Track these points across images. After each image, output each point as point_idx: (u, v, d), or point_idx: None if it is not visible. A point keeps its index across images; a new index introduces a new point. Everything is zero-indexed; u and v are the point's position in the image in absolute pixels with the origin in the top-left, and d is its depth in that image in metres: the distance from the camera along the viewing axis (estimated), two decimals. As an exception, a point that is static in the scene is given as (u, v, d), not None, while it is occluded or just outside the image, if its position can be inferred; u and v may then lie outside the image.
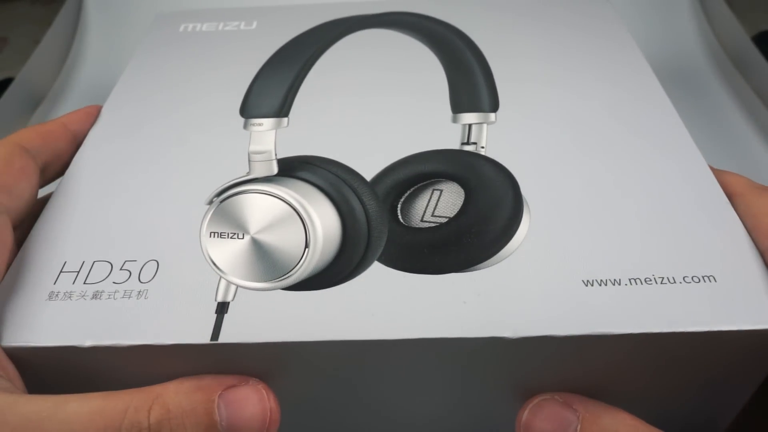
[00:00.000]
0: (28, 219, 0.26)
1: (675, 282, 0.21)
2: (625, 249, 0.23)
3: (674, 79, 0.50)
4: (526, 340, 0.20)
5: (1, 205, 0.24)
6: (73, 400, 0.18)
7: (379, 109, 0.30)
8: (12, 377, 0.20)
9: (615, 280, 0.22)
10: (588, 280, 0.22)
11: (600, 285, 0.22)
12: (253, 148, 0.24)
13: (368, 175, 0.25)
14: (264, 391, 0.21)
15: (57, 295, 0.22)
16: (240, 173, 0.24)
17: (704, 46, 0.53)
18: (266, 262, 0.22)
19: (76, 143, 0.29)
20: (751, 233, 0.23)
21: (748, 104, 0.48)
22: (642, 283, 0.22)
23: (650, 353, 0.21)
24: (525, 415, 0.22)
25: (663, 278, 0.22)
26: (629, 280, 0.22)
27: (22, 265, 0.23)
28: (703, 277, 0.22)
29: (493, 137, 0.27)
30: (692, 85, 0.51)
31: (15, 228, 0.25)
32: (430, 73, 0.30)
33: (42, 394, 0.19)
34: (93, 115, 0.31)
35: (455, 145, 0.27)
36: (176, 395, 0.19)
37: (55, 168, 0.28)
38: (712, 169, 0.26)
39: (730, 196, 0.25)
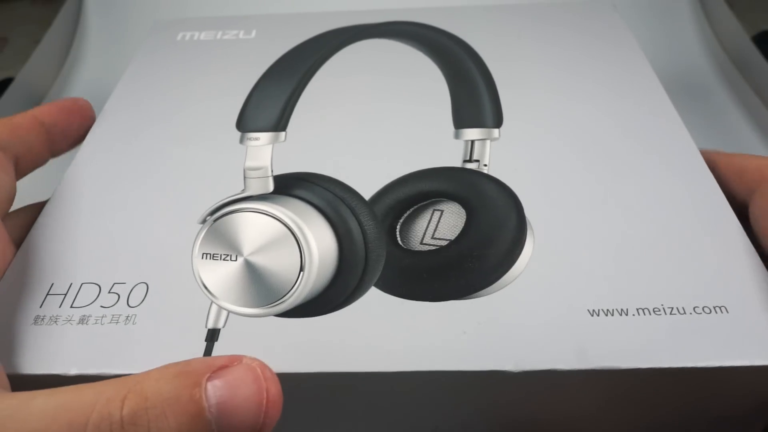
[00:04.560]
0: (24, 219, 0.25)
1: (685, 313, 0.21)
2: (633, 276, 0.22)
3: (674, 79, 0.50)
4: (529, 374, 0.19)
5: None
6: (41, 396, 0.17)
7: (380, 123, 0.29)
8: None
9: (622, 309, 0.21)
10: (594, 310, 0.21)
11: (606, 315, 0.21)
12: (248, 163, 0.24)
13: (367, 193, 0.25)
14: (259, 370, 0.18)
15: (43, 319, 0.21)
16: (235, 190, 0.23)
17: (704, 46, 0.53)
18: (259, 286, 0.21)
19: (49, 136, 0.29)
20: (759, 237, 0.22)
21: (748, 104, 0.47)
22: (650, 314, 0.21)
23: (658, 388, 0.20)
24: None
25: (672, 308, 0.21)
26: (637, 309, 0.21)
27: (9, 287, 0.23)
28: (714, 307, 0.21)
29: (497, 153, 0.27)
30: (692, 84, 0.50)
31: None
32: (432, 85, 0.29)
33: None
34: (68, 108, 0.30)
35: (458, 161, 0.26)
36: (157, 382, 0.17)
37: (28, 161, 0.28)
38: (735, 156, 0.25)
39: (757, 186, 0.23)
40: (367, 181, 0.25)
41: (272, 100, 0.25)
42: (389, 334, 0.21)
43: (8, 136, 0.27)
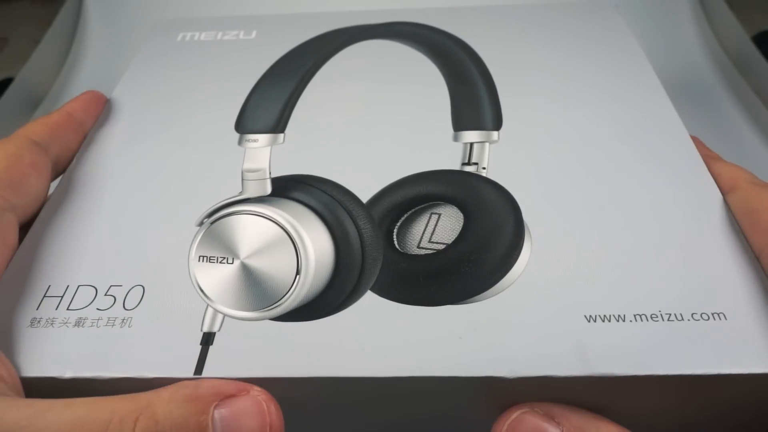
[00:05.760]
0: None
1: (683, 319, 0.20)
2: (631, 282, 0.22)
3: (674, 79, 0.49)
4: (524, 381, 0.19)
5: (7, 202, 0.23)
6: (56, 407, 0.17)
7: (379, 124, 0.29)
8: (6, 378, 0.19)
9: (619, 315, 0.21)
10: (591, 315, 0.21)
11: (603, 321, 0.21)
12: (246, 165, 0.23)
13: (365, 196, 0.25)
14: (265, 404, 0.19)
15: (39, 321, 0.21)
16: (233, 192, 0.23)
17: (704, 46, 0.53)
18: (255, 289, 0.21)
19: (83, 132, 0.29)
20: (746, 231, 0.22)
21: (748, 104, 0.47)
22: (648, 320, 0.21)
23: (655, 395, 0.20)
24: (503, 431, 0.20)
25: (670, 315, 0.21)
26: (634, 316, 0.21)
27: (6, 288, 0.23)
28: (712, 314, 0.20)
29: (496, 157, 0.26)
30: (692, 84, 0.50)
31: (27, 223, 0.25)
32: (432, 87, 0.29)
33: None
34: (93, 101, 0.30)
35: (456, 164, 0.26)
36: (168, 405, 0.18)
37: (65, 159, 0.28)
38: (712, 159, 0.25)
39: (729, 190, 0.24)
40: (365, 183, 0.25)
41: (271, 102, 0.25)
42: (385, 339, 0.20)
43: (49, 136, 0.27)
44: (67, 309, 0.22)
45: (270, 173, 0.23)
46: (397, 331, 0.21)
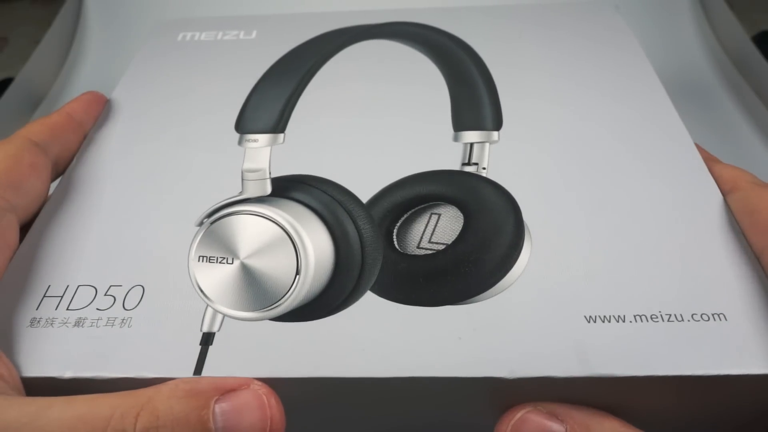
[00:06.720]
0: None
1: (683, 320, 0.20)
2: (631, 283, 0.22)
3: (674, 79, 0.49)
4: (524, 381, 0.19)
5: (8, 203, 0.23)
6: (57, 405, 0.17)
7: (379, 125, 0.29)
8: (7, 377, 0.19)
9: (619, 316, 0.21)
10: (590, 316, 0.21)
11: (603, 321, 0.21)
12: (246, 165, 0.23)
13: (365, 196, 0.25)
14: (265, 397, 0.19)
15: (39, 321, 0.21)
16: (233, 192, 0.23)
17: (704, 46, 0.53)
18: (255, 289, 0.21)
19: (83, 133, 0.29)
20: (747, 231, 0.22)
21: (748, 104, 0.47)
22: (648, 320, 0.20)
23: (655, 396, 0.20)
24: (508, 431, 0.20)
25: (670, 315, 0.21)
26: (634, 316, 0.21)
27: (6, 288, 0.23)
28: (712, 315, 0.20)
29: (496, 157, 0.26)
30: (691, 84, 0.51)
31: (27, 224, 0.25)
32: (432, 87, 0.29)
33: None
34: (93, 102, 0.30)
35: (456, 164, 0.26)
36: (168, 400, 0.18)
37: (65, 160, 0.28)
38: (712, 160, 0.25)
39: (729, 191, 0.24)
40: (365, 183, 0.25)
41: (271, 102, 0.25)
42: (384, 339, 0.20)
43: (48, 137, 0.27)
44: (67, 309, 0.22)
45: (270, 173, 0.23)
46: (397, 332, 0.21)
